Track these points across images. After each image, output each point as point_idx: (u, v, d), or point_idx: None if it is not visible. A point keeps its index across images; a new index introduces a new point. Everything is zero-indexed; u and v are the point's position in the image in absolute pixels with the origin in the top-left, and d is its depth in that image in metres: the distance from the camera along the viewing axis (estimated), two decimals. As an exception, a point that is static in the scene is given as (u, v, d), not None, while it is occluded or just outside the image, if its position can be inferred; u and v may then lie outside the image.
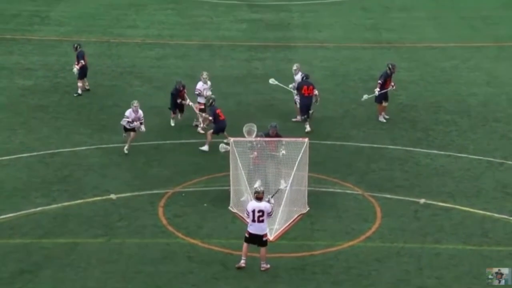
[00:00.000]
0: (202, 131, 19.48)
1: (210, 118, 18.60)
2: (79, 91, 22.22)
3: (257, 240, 13.65)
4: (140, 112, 18.46)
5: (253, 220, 13.55)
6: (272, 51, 27.44)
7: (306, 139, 16.17)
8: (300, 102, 20.19)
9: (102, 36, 28.55)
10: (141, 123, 18.41)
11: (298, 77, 20.41)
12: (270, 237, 14.79)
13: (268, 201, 14.06)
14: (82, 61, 22.07)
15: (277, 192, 15.18)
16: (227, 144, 16.20)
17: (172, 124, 20.04)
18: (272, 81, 21.33)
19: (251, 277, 13.56)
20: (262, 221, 13.60)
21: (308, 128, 19.82)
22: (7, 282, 13.26)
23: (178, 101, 19.86)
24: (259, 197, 13.67)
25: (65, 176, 17.27)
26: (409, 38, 29.55)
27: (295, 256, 14.26)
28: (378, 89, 20.49)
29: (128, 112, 18.40)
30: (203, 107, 19.84)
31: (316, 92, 20.09)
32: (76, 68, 22.09)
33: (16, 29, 29.06)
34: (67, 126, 20.17)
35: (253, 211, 13.55)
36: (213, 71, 24.96)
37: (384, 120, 20.89)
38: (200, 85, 20.02)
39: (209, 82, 20.22)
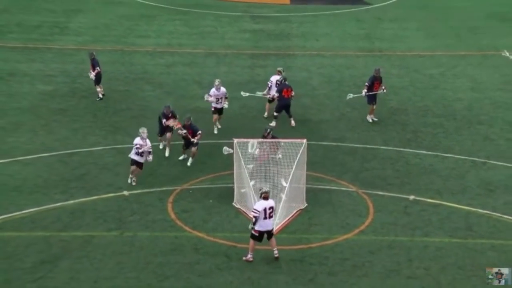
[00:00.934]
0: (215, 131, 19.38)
1: (184, 132, 17.49)
2: (100, 96, 22.21)
3: (266, 235, 13.61)
4: (148, 142, 16.54)
5: (265, 217, 13.48)
6: (273, 58, 27.38)
7: (304, 140, 16.14)
8: (279, 102, 20.47)
9: (116, 45, 28.52)
10: (149, 153, 16.55)
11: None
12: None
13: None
14: (98, 68, 22.07)
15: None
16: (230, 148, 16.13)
17: (161, 147, 18.45)
18: (243, 93, 21.33)
19: (253, 268, 13.52)
20: (272, 216, 13.65)
21: (273, 124, 19.88)
22: (29, 272, 13.25)
23: (164, 122, 18.12)
24: (266, 196, 13.59)
25: (82, 174, 17.25)
26: (399, 47, 29.48)
27: (294, 249, 14.22)
28: (365, 90, 20.59)
29: (137, 140, 16.59)
30: (214, 108, 19.83)
31: (293, 93, 20.45)
32: (93, 75, 22.08)
33: (38, 39, 29.03)
34: (84, 128, 20.13)
35: (265, 209, 13.48)
36: (218, 77, 24.95)
37: (371, 121, 20.90)
38: (212, 92, 19.81)
39: (222, 89, 19.75)
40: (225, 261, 13.69)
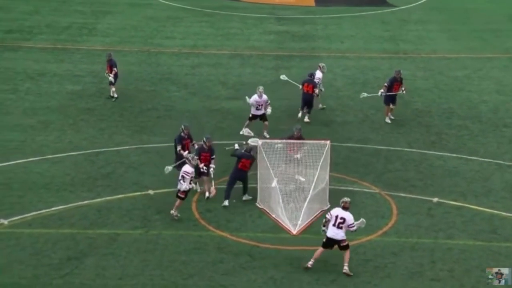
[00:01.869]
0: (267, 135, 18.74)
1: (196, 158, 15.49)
2: (115, 95, 22.27)
3: (335, 244, 13.35)
4: (192, 169, 14.86)
5: (334, 225, 13.29)
6: (297, 60, 27.33)
7: (328, 141, 16.07)
8: (301, 97, 20.79)
9: (143, 46, 28.73)
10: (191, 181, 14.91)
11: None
12: (294, 231, 14.74)
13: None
14: (115, 68, 22.14)
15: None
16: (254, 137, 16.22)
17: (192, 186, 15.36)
18: (283, 77, 21.38)
19: (275, 267, 13.50)
20: (341, 228, 13.29)
21: (302, 118, 20.29)
22: (56, 268, 13.41)
23: (178, 149, 16.10)
24: (346, 206, 13.40)
25: (108, 172, 17.39)
26: (424, 49, 29.21)
27: (317, 249, 14.14)
28: (382, 90, 20.57)
29: (187, 168, 14.87)
30: (252, 115, 19.28)
31: (316, 91, 20.59)
32: (112, 76, 22.14)
33: (67, 40, 29.37)
34: (110, 128, 20.30)
35: (337, 216, 13.34)
36: (243, 78, 25.03)
37: (389, 121, 20.82)
38: (254, 98, 19.33)
39: (264, 96, 19.19)
40: (248, 260, 13.69)
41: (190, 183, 14.89)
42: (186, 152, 15.96)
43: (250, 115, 19.58)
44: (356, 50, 28.70)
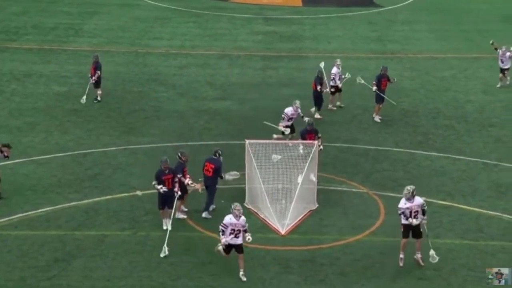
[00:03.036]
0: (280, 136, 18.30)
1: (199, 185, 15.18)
2: (99, 98, 22.11)
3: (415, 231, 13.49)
4: (243, 218, 13.14)
5: (410, 216, 13.36)
6: (285, 60, 27.37)
7: (316, 142, 16.12)
8: None
9: (130, 47, 28.64)
10: (245, 231, 13.13)
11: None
12: (282, 231, 14.76)
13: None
14: (99, 71, 21.97)
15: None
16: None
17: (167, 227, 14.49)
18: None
19: (264, 268, 13.50)
20: (416, 217, 13.41)
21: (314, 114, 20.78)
22: (44, 270, 13.32)
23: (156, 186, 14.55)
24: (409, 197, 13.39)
25: (96, 174, 17.32)
26: (411, 49, 29.36)
27: (305, 249, 14.19)
28: (375, 88, 20.84)
29: (228, 219, 13.04)
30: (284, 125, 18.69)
31: (319, 87, 20.93)
32: (94, 79, 21.88)
33: (54, 41, 29.23)
34: (97, 129, 20.22)
35: (410, 210, 13.42)
36: (231, 79, 25.03)
37: (379, 120, 20.98)
38: (289, 110, 18.68)
39: (299, 110, 18.61)
40: (237, 261, 13.67)
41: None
42: (187, 180, 14.98)
43: (282, 128, 18.58)
44: (343, 50, 28.78)
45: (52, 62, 26.35)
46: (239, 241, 12.95)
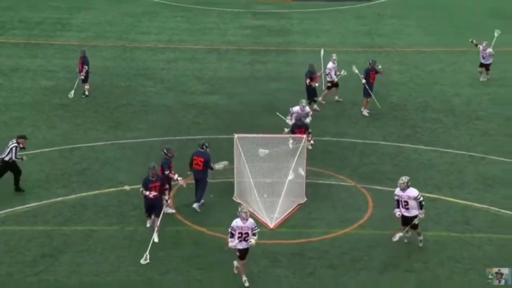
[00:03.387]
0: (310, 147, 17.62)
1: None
2: (87, 93, 22.00)
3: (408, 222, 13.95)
4: (251, 220, 12.83)
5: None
6: (274, 55, 27.36)
7: (304, 136, 16.14)
8: None
9: (117, 41, 28.51)
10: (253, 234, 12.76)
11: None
12: (271, 225, 14.79)
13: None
14: (86, 66, 21.85)
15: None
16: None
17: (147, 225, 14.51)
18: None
19: (253, 262, 13.51)
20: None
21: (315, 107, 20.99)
22: (31, 265, 13.27)
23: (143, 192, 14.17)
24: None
25: (83, 168, 17.26)
26: (399, 43, 29.43)
27: (294, 243, 14.23)
28: (364, 81, 20.89)
29: (237, 223, 12.68)
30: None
31: (308, 81, 20.97)
32: (82, 74, 21.79)
33: (40, 35, 29.04)
34: (85, 123, 20.14)
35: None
36: (219, 73, 24.99)
37: (367, 114, 21.03)
38: (295, 109, 18.40)
39: (306, 108, 18.40)
40: (225, 255, 13.67)
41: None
42: (176, 175, 14.82)
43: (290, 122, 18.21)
44: (332, 44, 28.73)
45: (39, 57, 26.19)
46: (247, 245, 12.71)
